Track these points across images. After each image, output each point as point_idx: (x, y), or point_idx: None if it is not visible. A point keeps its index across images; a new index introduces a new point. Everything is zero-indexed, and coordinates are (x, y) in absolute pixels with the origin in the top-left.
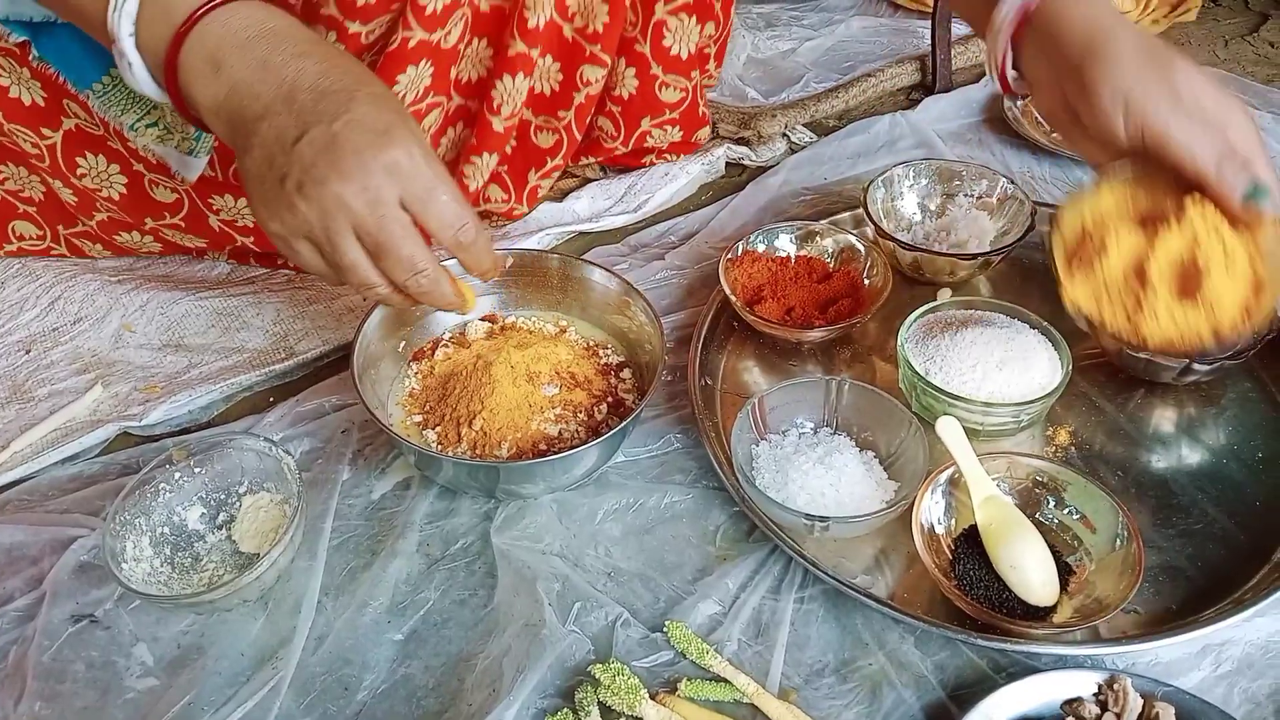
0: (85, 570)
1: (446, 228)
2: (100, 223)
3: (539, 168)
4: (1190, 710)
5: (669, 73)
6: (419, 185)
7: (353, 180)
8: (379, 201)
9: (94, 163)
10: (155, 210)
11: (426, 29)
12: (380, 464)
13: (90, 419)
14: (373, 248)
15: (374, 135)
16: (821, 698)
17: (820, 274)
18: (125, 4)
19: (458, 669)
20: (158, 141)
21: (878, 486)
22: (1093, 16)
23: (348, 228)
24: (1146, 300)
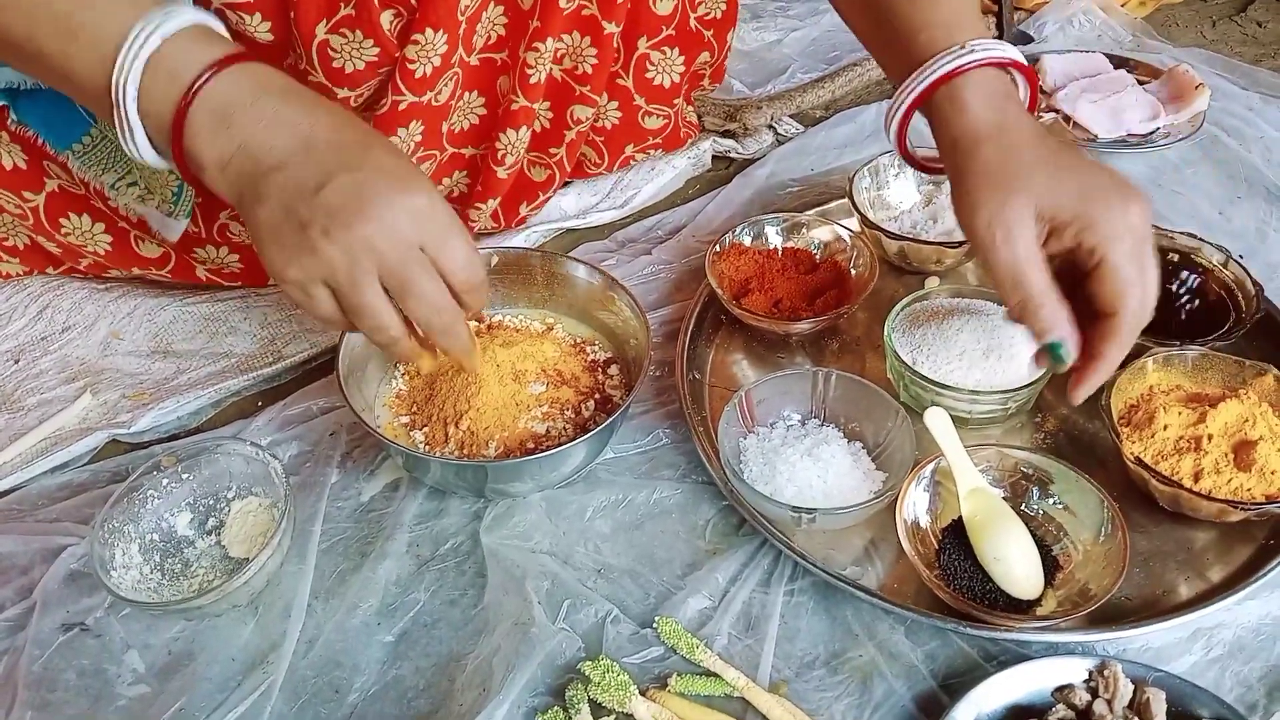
0: (75, 579)
1: (461, 269)
2: (88, 265)
3: (530, 201)
4: (1181, 695)
5: (652, 103)
6: (438, 229)
7: (378, 223)
8: (402, 243)
9: (79, 222)
10: (141, 263)
11: (416, 92)
12: (369, 466)
13: (79, 427)
14: (397, 287)
15: (396, 182)
16: (812, 690)
17: (807, 265)
18: (130, 71)
19: (448, 669)
20: (138, 201)
21: (865, 477)
22: (973, 121)
23: (373, 269)
24: (1205, 460)
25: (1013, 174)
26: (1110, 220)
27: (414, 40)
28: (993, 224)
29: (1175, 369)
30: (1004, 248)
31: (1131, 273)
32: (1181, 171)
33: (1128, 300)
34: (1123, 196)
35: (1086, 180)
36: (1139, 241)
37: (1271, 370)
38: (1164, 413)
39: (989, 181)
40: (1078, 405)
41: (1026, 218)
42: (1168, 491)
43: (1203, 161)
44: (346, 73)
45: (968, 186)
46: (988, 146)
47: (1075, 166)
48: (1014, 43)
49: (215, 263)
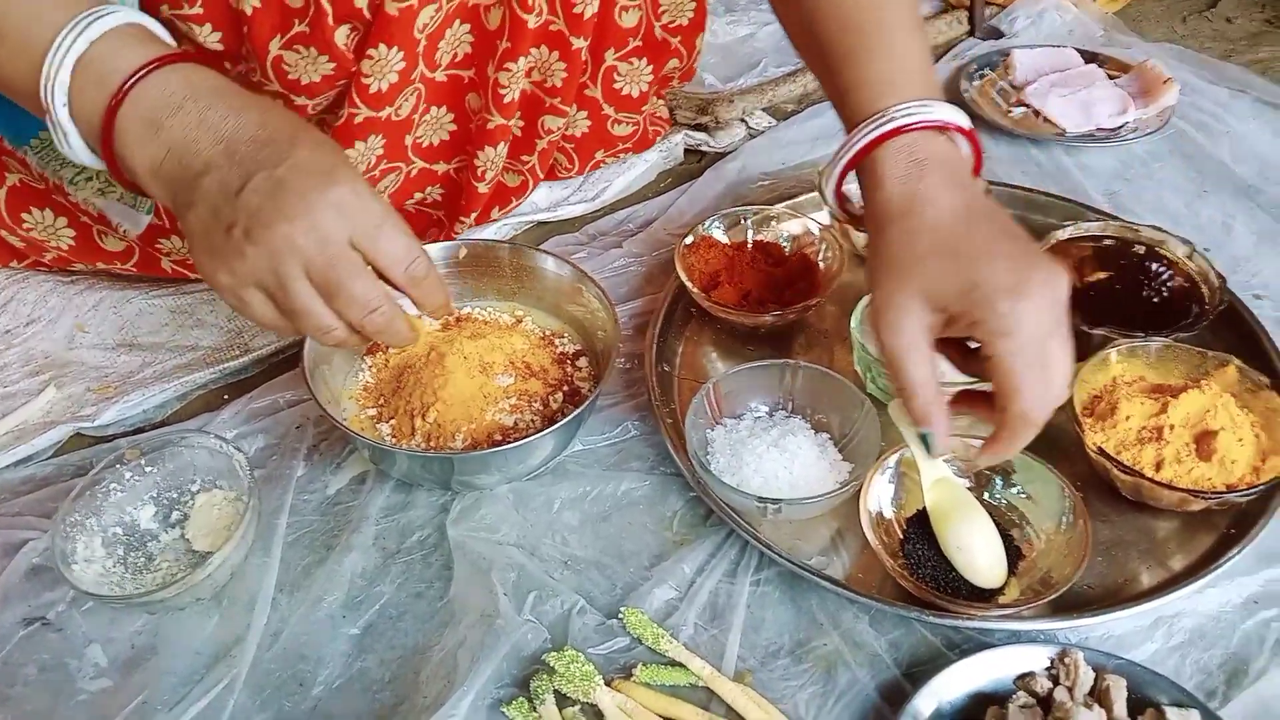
0: (37, 573)
1: (397, 263)
2: (52, 259)
3: (503, 206)
4: (1141, 682)
5: (621, 111)
6: (367, 222)
7: (300, 220)
8: (328, 240)
9: (41, 217)
10: (106, 257)
11: (372, 106)
12: (335, 459)
13: (43, 421)
14: (324, 287)
15: (318, 176)
16: (777, 679)
17: (776, 258)
18: (58, 75)
19: (413, 661)
20: (99, 195)
21: (832, 468)
22: (885, 199)
23: (299, 270)
24: (1167, 450)
25: (907, 261)
26: (997, 318)
27: (369, 55)
28: (882, 309)
29: (1138, 360)
30: (887, 335)
31: (1019, 371)
32: (1149, 165)
33: (1015, 399)
34: (1017, 292)
35: (983, 271)
36: (1032, 339)
37: (1233, 361)
38: (1126, 403)
39: (885, 265)
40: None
41: (914, 307)
42: (1129, 481)
43: (1170, 156)
44: (303, 84)
45: (870, 266)
46: (891, 229)
47: (978, 255)
48: (985, 37)
49: (180, 254)
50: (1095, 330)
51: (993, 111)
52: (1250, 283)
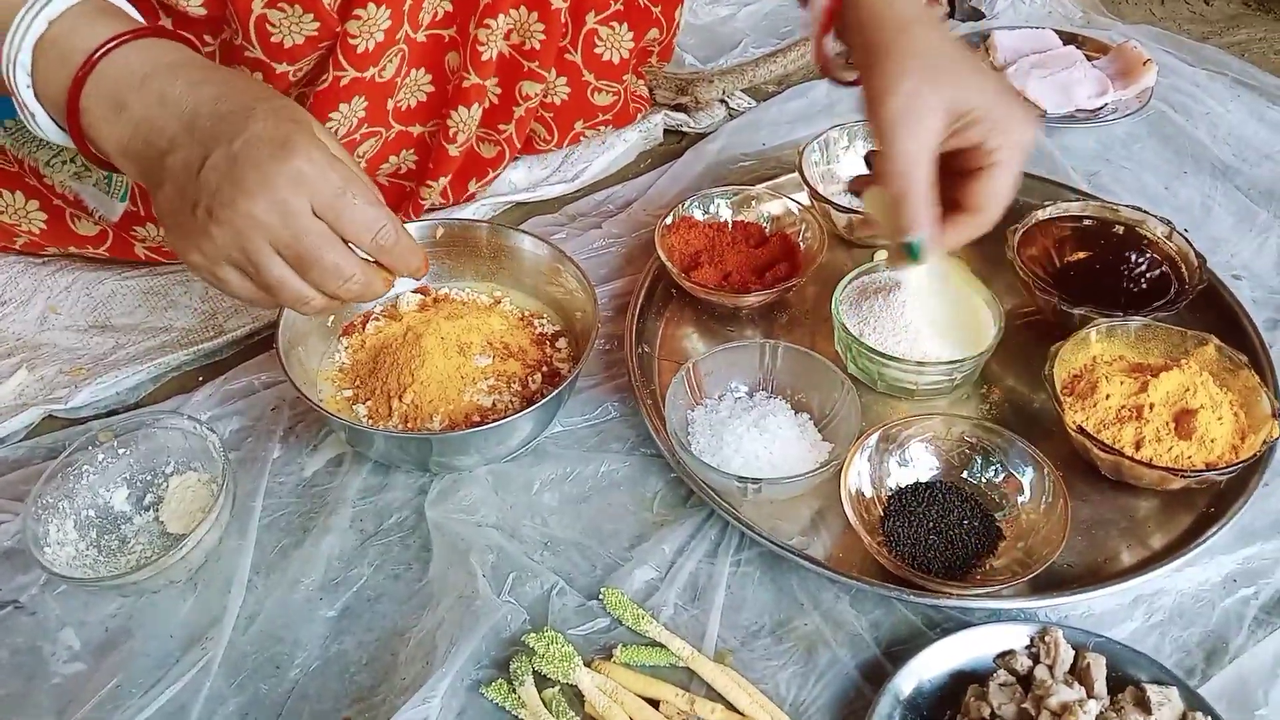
0: (9, 556)
1: (364, 231)
2: (23, 244)
3: (480, 178)
4: (1121, 660)
5: (601, 79)
6: (327, 191)
7: (258, 196)
8: (290, 213)
9: (11, 199)
10: (79, 241)
11: (358, 68)
12: (312, 441)
13: (15, 403)
14: (294, 261)
15: (273, 148)
16: (757, 659)
17: (757, 239)
18: (19, 55)
19: (391, 643)
20: (74, 179)
21: (812, 448)
22: (899, 6)
23: (266, 245)
24: (1147, 429)
25: (936, 64)
26: (1017, 129)
27: (355, 15)
28: (904, 111)
29: (1118, 340)
30: (907, 137)
31: (1010, 181)
32: (1129, 147)
33: (998, 204)
34: (1026, 111)
35: (1000, 86)
36: (1026, 155)
37: (1212, 340)
38: (1106, 382)
39: (911, 67)
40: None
41: (938, 109)
42: (1109, 460)
43: (1150, 137)
44: (285, 47)
45: (886, 68)
46: (915, 30)
47: (987, 71)
48: (965, 19)
49: (154, 241)
50: (1075, 310)
51: None
52: (1229, 263)
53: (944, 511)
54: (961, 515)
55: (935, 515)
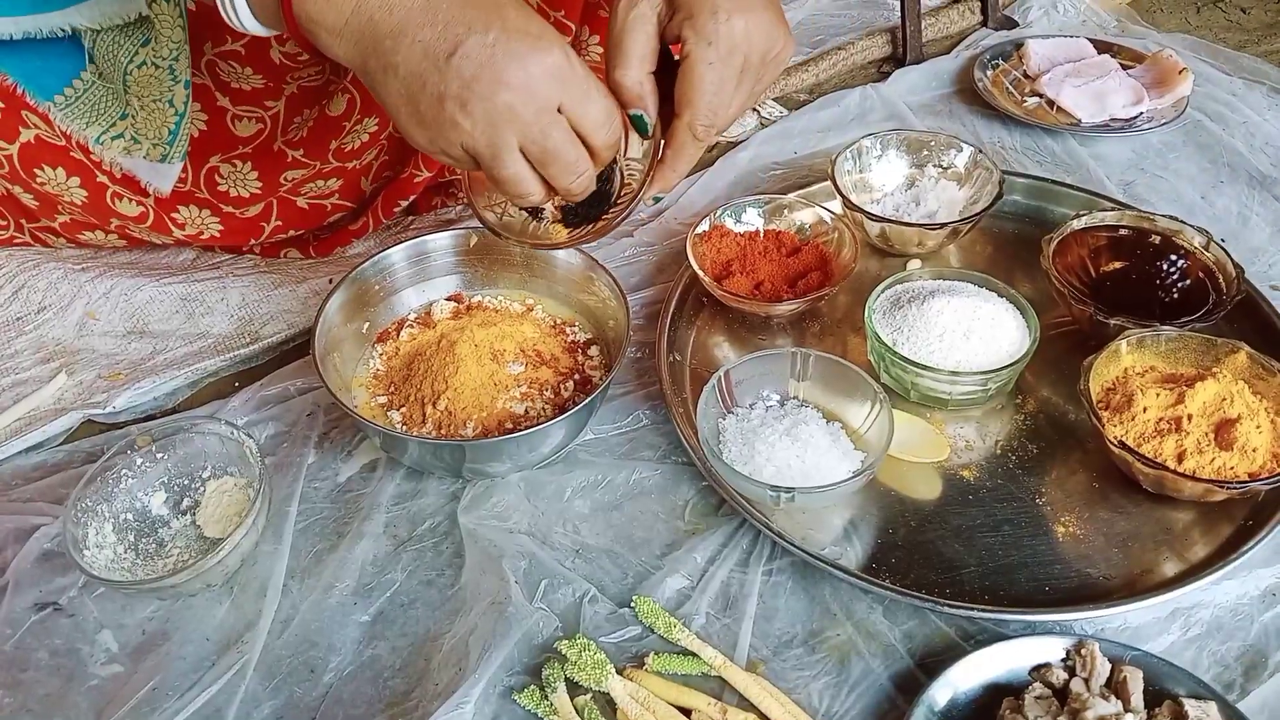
0: (48, 558)
1: (599, 129)
2: (64, 223)
3: None
4: (1159, 674)
5: None
6: (576, 89)
7: (518, 90)
8: (544, 110)
9: (52, 174)
10: (119, 216)
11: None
12: (346, 446)
13: (54, 407)
14: (538, 156)
15: (532, 41)
16: (790, 669)
17: (789, 248)
18: None
19: (424, 649)
20: (124, 153)
21: (844, 457)
22: None
23: (513, 140)
24: (1188, 441)
25: None
26: (708, 22)
27: None
28: (625, 3)
29: (1149, 350)
30: (622, 11)
31: (705, 78)
32: (1164, 156)
33: (690, 106)
34: (741, 10)
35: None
36: (729, 54)
37: (1243, 348)
38: (1142, 394)
39: None
40: (651, 197)
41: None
42: (1152, 474)
43: (1185, 146)
44: None
45: None
46: None
47: None
48: (999, 27)
49: (195, 227)
50: (1111, 320)
51: (1006, 101)
52: (1267, 273)
53: None
54: None
55: None
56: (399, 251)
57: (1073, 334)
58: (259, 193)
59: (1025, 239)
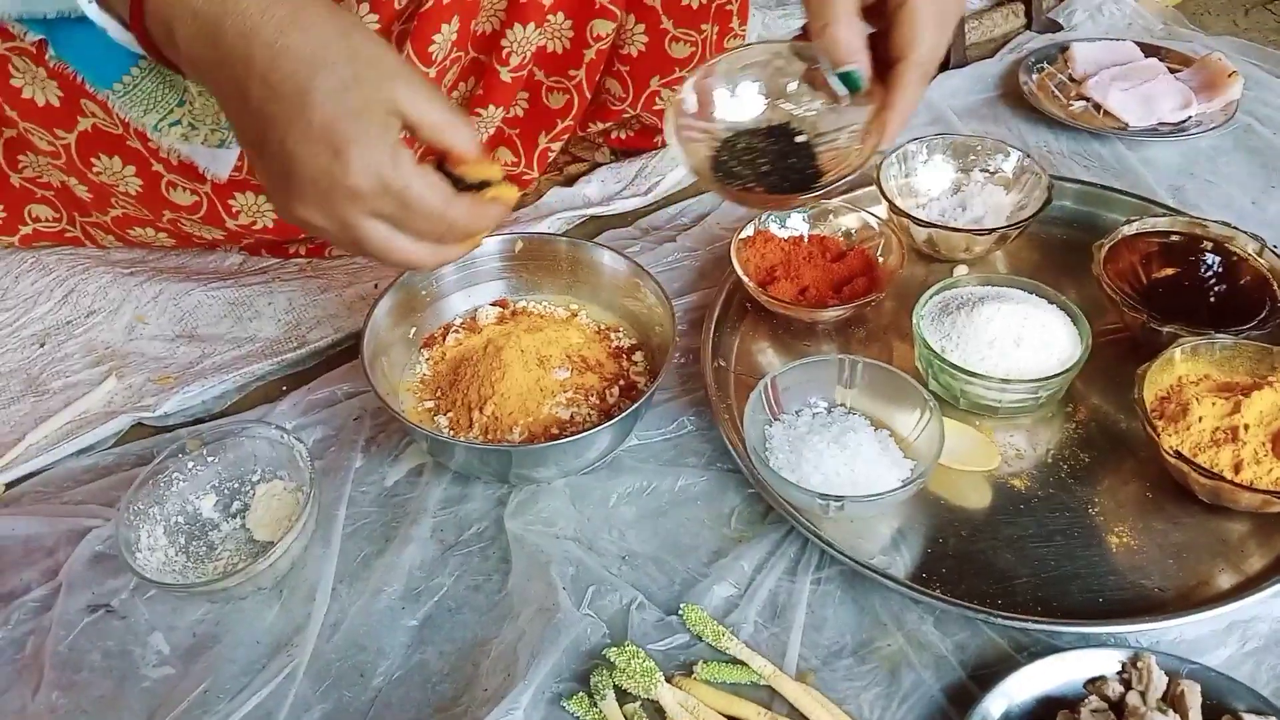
0: (100, 560)
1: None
2: (115, 218)
3: (549, 130)
4: (1217, 688)
5: (680, 26)
6: (394, 203)
7: (318, 209)
8: (349, 223)
9: (109, 163)
10: (172, 208)
11: None
12: (393, 451)
13: (104, 410)
14: (392, 223)
15: (330, 151)
16: (839, 679)
17: (834, 253)
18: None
19: (472, 654)
20: (182, 140)
21: (893, 465)
22: None
23: (361, 218)
24: (1244, 451)
25: None
26: None
27: None
28: None
29: (1203, 358)
30: None
31: (928, 19)
32: (1214, 160)
33: (916, 46)
34: None
35: None
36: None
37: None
38: (1197, 404)
39: None
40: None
41: None
42: (1209, 484)
43: (1235, 150)
44: None
45: None
46: None
47: None
48: (1043, 30)
49: (250, 213)
50: (1164, 328)
51: (1052, 105)
52: None
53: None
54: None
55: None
56: None
57: (1121, 341)
58: None
59: (1072, 245)
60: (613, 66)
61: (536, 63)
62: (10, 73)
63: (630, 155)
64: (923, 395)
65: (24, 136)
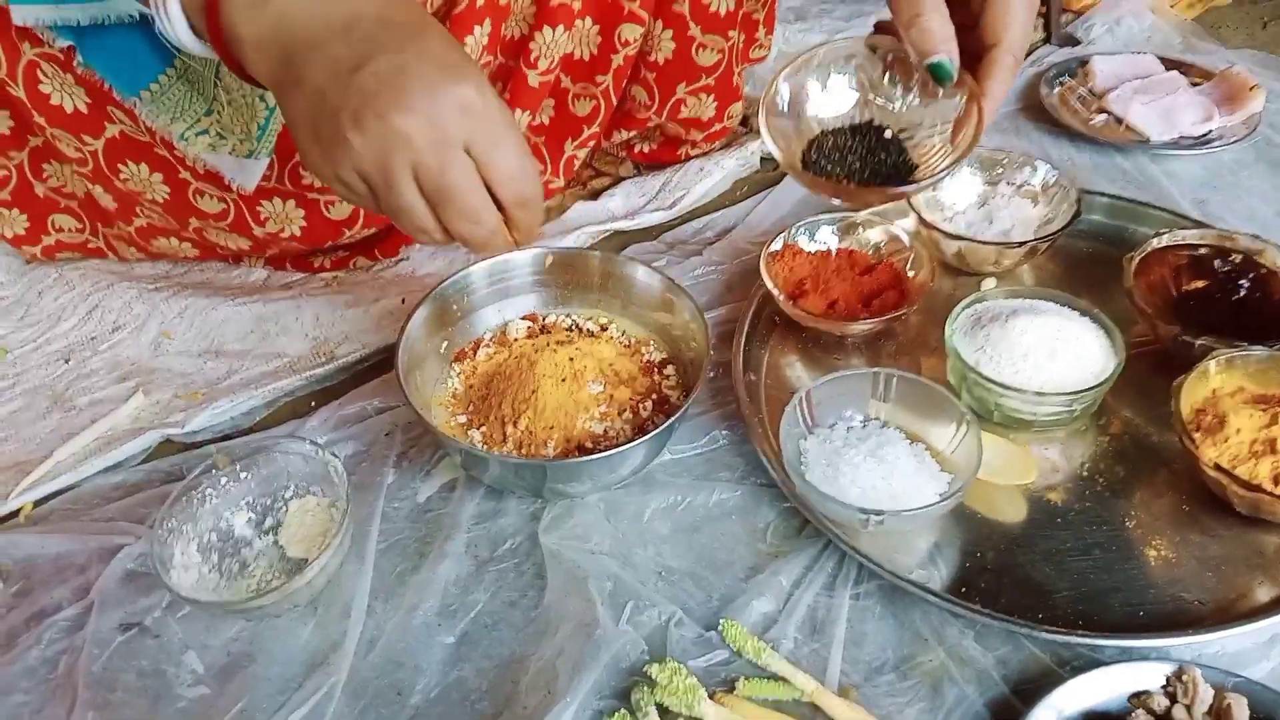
0: (132, 578)
1: (511, 179)
2: (139, 228)
3: (575, 137)
4: (1262, 701)
5: (707, 32)
6: (489, 128)
7: (419, 114)
8: (445, 142)
9: (136, 170)
10: (199, 215)
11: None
12: (425, 466)
13: (132, 427)
14: (432, 192)
15: (445, 69)
16: (882, 695)
17: (862, 266)
18: None
19: (511, 671)
20: (209, 150)
21: (931, 479)
22: None
23: (407, 167)
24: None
25: None
26: None
27: None
28: None
29: (1238, 370)
30: None
31: (1019, 5)
32: (1237, 174)
33: (1008, 31)
34: None
35: None
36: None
37: None
38: (1234, 416)
39: None
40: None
41: None
42: (1249, 497)
43: (1258, 163)
44: None
45: None
46: None
47: None
48: (1062, 44)
49: (279, 220)
50: (1198, 341)
51: (1073, 119)
52: None
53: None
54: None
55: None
56: (479, 270)
57: (1151, 354)
58: None
59: (1099, 258)
60: (639, 74)
61: (564, 69)
62: (39, 78)
63: (654, 169)
64: (959, 408)
65: (51, 144)
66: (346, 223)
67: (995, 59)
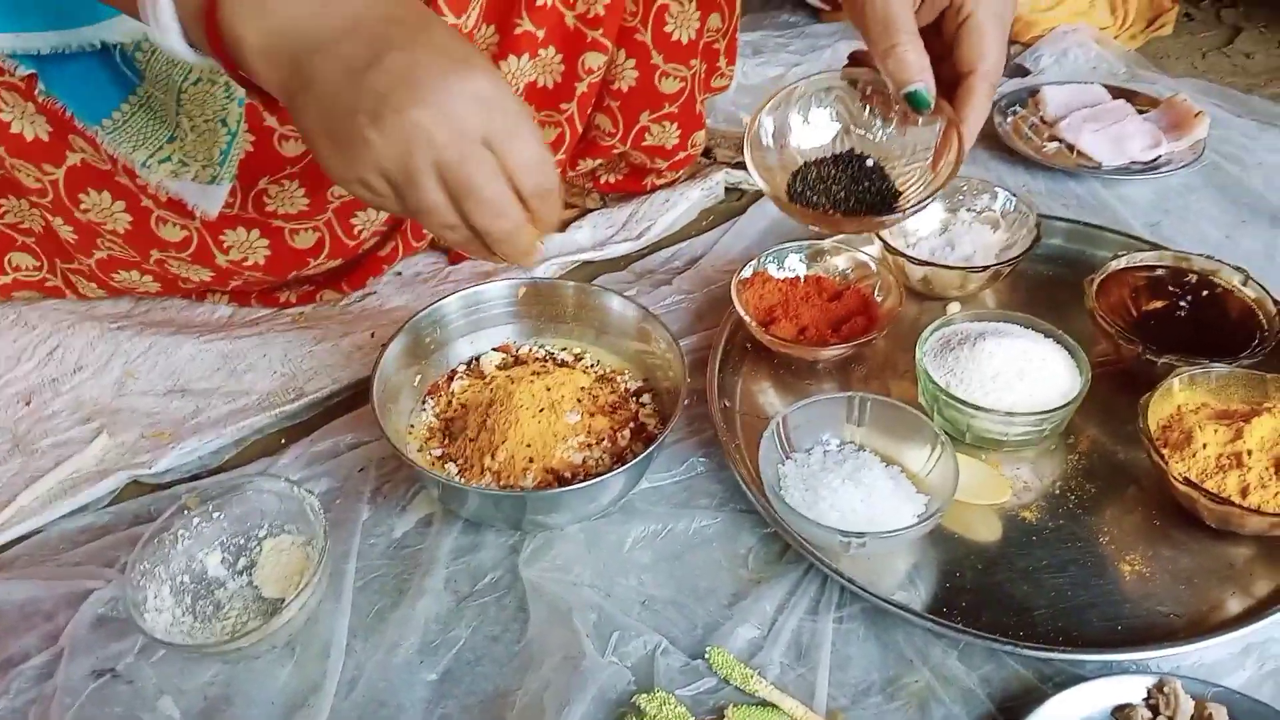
0: (103, 623)
1: (530, 170)
2: (99, 261)
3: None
4: (1243, 710)
5: (670, 61)
6: (506, 120)
7: (437, 108)
8: (464, 135)
9: (98, 199)
10: (161, 245)
11: (455, 13)
12: (400, 501)
13: (97, 469)
14: (455, 187)
15: (457, 63)
16: (870, 717)
17: (831, 293)
18: None
19: (496, 707)
20: (172, 177)
21: (907, 500)
22: None
23: (429, 163)
24: (1250, 475)
25: None
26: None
27: None
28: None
29: (1200, 387)
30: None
31: (989, 33)
32: (1185, 197)
33: (985, 58)
34: None
35: None
36: (1001, 7)
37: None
38: (1200, 431)
39: None
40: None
41: None
42: (1218, 510)
43: (1205, 187)
44: None
45: None
46: None
47: None
48: (1011, 75)
49: (242, 249)
50: (1160, 359)
51: (1026, 147)
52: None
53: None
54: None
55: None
56: (454, 301)
57: (1114, 373)
58: (307, 210)
59: (1059, 281)
60: (603, 102)
61: (528, 98)
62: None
63: (620, 200)
64: (933, 430)
65: (9, 178)
66: (311, 252)
67: (971, 86)
